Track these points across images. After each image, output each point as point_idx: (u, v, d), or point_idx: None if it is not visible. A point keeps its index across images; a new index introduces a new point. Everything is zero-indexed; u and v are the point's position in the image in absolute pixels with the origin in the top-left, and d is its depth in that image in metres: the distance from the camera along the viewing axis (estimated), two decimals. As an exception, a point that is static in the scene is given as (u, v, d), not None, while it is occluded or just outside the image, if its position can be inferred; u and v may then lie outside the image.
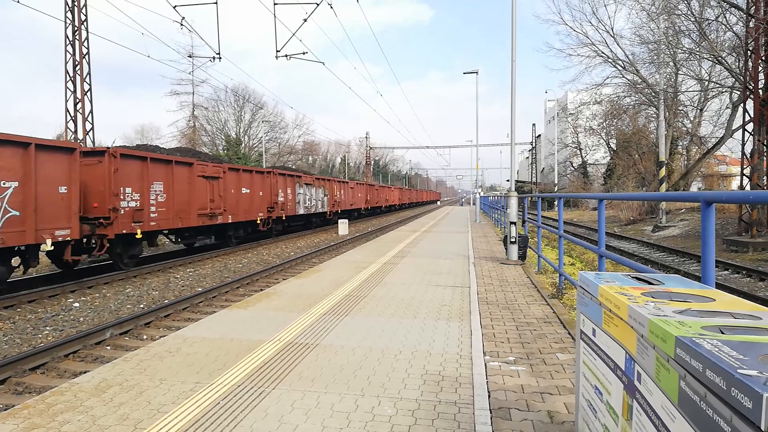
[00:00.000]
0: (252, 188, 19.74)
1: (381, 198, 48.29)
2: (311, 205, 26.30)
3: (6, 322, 8.53)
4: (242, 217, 18.77)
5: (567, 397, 3.66)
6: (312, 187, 26.64)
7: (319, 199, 27.62)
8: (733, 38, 22.95)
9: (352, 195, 35.92)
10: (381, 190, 49.86)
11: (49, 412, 3.40)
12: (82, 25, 22.26)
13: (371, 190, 44.16)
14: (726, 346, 1.36)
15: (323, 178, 30.19)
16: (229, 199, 17.80)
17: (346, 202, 33.96)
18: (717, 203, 2.95)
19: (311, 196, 26.33)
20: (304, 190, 25.23)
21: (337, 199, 31.39)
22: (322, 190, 28.41)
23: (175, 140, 57.89)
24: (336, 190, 31.38)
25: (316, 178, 28.34)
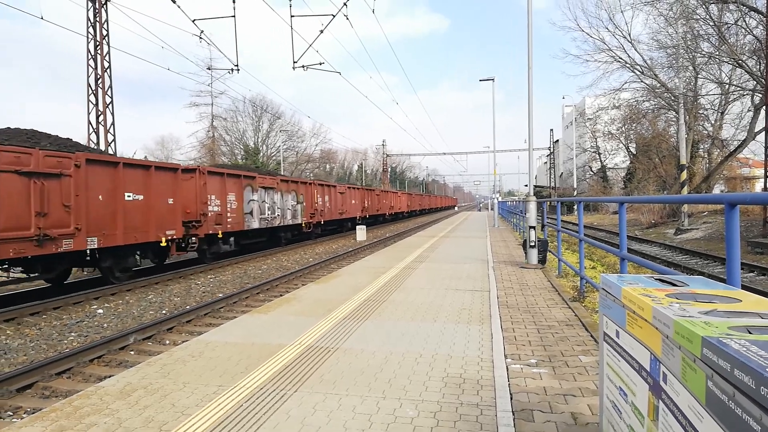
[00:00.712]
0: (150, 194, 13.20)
1: (384, 205, 42.56)
2: (275, 215, 20.56)
3: (32, 328, 8.70)
4: (120, 240, 12.07)
5: (590, 398, 3.63)
6: (274, 191, 20.79)
7: (288, 208, 21.94)
8: (753, 41, 22.65)
9: (342, 202, 29.89)
10: (384, 196, 43.41)
11: (76, 415, 3.46)
12: (104, 40, 22.68)
13: (370, 195, 37.76)
14: (754, 345, 1.36)
15: (296, 180, 24.28)
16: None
17: (333, 211, 28.38)
18: (741, 205, 2.92)
19: (275, 204, 20.69)
20: (261, 195, 19.51)
21: (319, 207, 25.67)
22: (293, 196, 22.73)
23: (195, 150, 58.58)
24: (316, 195, 25.50)
25: (282, 180, 21.98)
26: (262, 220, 19.55)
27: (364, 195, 35.92)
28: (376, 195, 39.93)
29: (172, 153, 66.94)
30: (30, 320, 9.12)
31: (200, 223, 15.19)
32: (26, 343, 7.87)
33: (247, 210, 18.24)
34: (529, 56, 11.53)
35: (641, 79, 31.08)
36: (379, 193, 42.03)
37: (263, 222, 19.63)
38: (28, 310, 9.46)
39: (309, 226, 24.58)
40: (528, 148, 12.40)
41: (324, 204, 26.61)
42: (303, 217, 23.42)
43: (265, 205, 19.86)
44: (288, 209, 22.02)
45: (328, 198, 27.67)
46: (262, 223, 19.42)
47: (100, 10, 22.41)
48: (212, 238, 16.33)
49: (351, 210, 31.95)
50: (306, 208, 23.85)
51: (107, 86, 22.97)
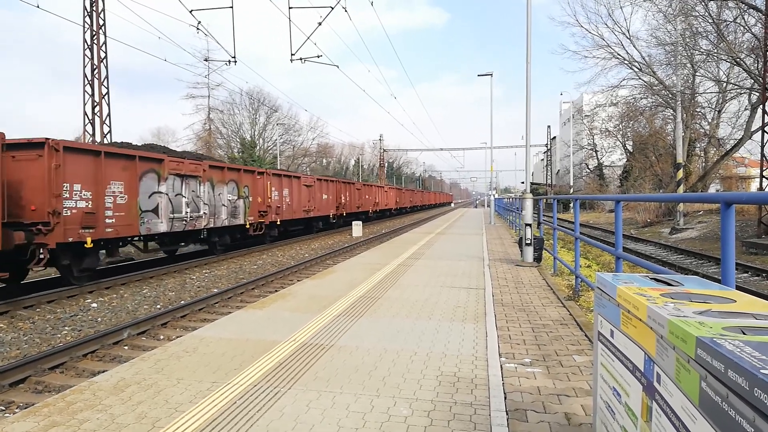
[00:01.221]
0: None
1: (366, 201, 37.03)
2: (198, 214, 15.21)
3: (26, 322, 8.66)
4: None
5: (584, 399, 3.64)
6: (198, 181, 15.28)
7: (222, 204, 16.70)
8: (751, 39, 22.68)
9: (309, 197, 24.73)
10: (366, 191, 37.95)
11: (69, 411, 3.44)
12: (100, 30, 22.57)
13: (348, 189, 32.13)
14: (748, 346, 1.35)
15: (235, 167, 18.70)
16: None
17: (296, 208, 23.16)
18: (737, 204, 2.92)
19: (198, 199, 15.28)
20: (174, 186, 14.13)
21: (274, 204, 20.66)
22: (232, 189, 17.40)
23: (191, 143, 58.41)
24: (270, 188, 20.26)
25: (213, 166, 16.54)
26: (176, 221, 14.18)
27: (340, 189, 30.22)
28: (356, 189, 34.26)
29: (168, 145, 66.62)
30: (23, 314, 9.09)
31: (50, 227, 9.90)
32: (19, 336, 7.84)
33: (146, 206, 12.95)
34: (527, 53, 11.51)
35: (639, 76, 31.11)
36: (361, 187, 36.07)
37: (178, 223, 14.25)
38: (21, 304, 9.42)
39: (259, 227, 19.60)
40: (525, 145, 12.39)
41: (282, 199, 21.53)
42: (247, 216, 18.27)
43: (182, 200, 14.39)
44: (222, 205, 16.69)
45: (289, 192, 22.37)
46: (175, 225, 14.12)
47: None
48: (78, 249, 10.88)
49: (321, 207, 26.62)
50: (253, 204, 18.81)
51: (103, 77, 22.89)
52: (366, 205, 36.80)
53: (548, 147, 73.83)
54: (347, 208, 31.49)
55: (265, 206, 19.74)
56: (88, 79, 22.67)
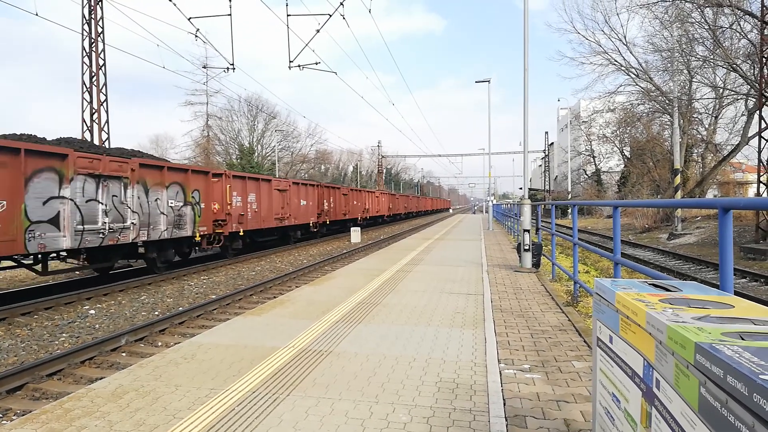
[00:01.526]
0: None
1: (354, 207, 34.00)
2: (123, 225, 12.35)
3: (23, 328, 8.64)
4: None
5: (583, 405, 3.63)
6: (122, 183, 12.45)
7: (161, 212, 13.66)
8: (747, 45, 22.79)
9: (283, 203, 21.82)
10: (355, 196, 34.72)
11: (67, 417, 3.43)
12: (99, 37, 22.60)
13: (333, 195, 29.12)
14: (747, 351, 1.35)
15: (181, 167, 15.32)
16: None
17: (266, 215, 20.07)
18: (734, 210, 2.93)
19: (123, 206, 12.40)
20: (84, 189, 11.29)
21: (236, 211, 17.44)
22: (176, 193, 14.33)
23: (189, 150, 58.43)
24: (229, 193, 17.18)
25: (145, 165, 13.42)
26: (88, 234, 11.24)
27: (323, 194, 27.21)
28: (342, 195, 31.41)
29: (167, 152, 66.70)
30: (21, 320, 9.06)
31: None
32: (17, 343, 7.81)
33: (39, 216, 10.04)
34: (525, 59, 11.55)
35: (636, 83, 31.23)
36: (348, 192, 33.02)
37: (91, 237, 11.31)
38: (19, 310, 9.39)
39: (216, 239, 16.60)
40: (523, 151, 12.42)
41: (247, 206, 18.60)
42: (198, 227, 15.14)
43: (97, 208, 11.57)
44: (161, 214, 13.60)
45: (256, 197, 19.34)
46: (86, 239, 11.15)
47: (96, 7, 22.34)
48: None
49: (299, 214, 23.63)
50: (206, 212, 15.72)
51: (102, 84, 22.90)
52: (354, 211, 33.93)
53: (546, 153, 73.95)
54: (332, 215, 28.69)
55: (223, 214, 16.74)
56: (86, 86, 22.69)
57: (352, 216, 33.21)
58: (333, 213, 28.94)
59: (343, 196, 31.74)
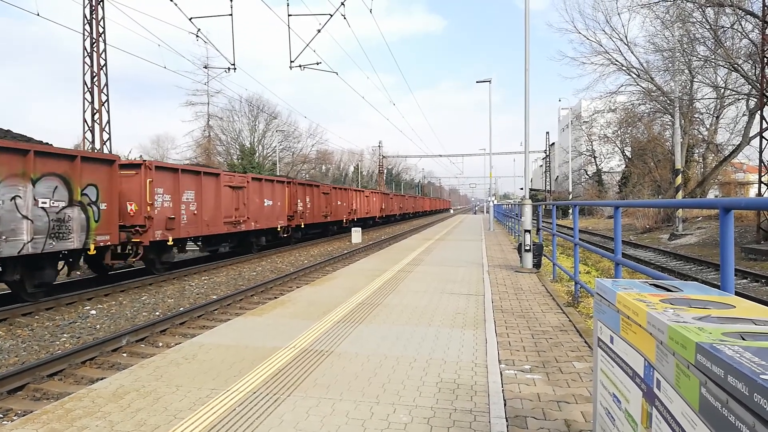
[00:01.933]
0: None
1: (338, 209, 29.86)
2: None
3: (24, 329, 8.64)
4: None
5: (584, 405, 3.63)
6: None
7: (23, 215, 9.54)
8: (748, 45, 22.75)
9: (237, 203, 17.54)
10: (339, 195, 30.81)
11: (68, 418, 3.43)
12: (100, 38, 22.62)
13: (309, 193, 24.71)
14: (747, 351, 1.35)
15: (56, 152, 10.53)
16: None
17: (213, 219, 16.21)
18: (735, 210, 2.92)
19: None
20: None
21: (161, 213, 13.69)
22: (47, 189, 10.19)
23: (191, 150, 58.47)
24: (148, 190, 13.31)
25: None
26: None
27: (296, 193, 22.62)
28: (322, 193, 27.01)
29: (168, 152, 66.77)
30: (22, 321, 9.07)
31: None
32: (18, 344, 7.82)
33: None
34: (526, 60, 11.55)
35: (637, 83, 31.19)
36: (329, 191, 28.78)
37: None
38: (20, 311, 9.40)
39: (132, 251, 13.21)
40: (524, 151, 12.41)
41: (180, 207, 14.47)
42: (93, 235, 11.30)
43: None
44: (22, 219, 9.53)
45: (195, 196, 15.28)
46: None
47: (97, 7, 22.35)
48: None
49: (262, 216, 19.24)
50: (107, 214, 11.74)
51: (103, 84, 22.91)
52: (338, 212, 30.08)
53: (547, 153, 73.95)
54: (308, 218, 24.55)
55: (141, 218, 13.01)
56: (87, 86, 22.71)
57: (335, 218, 29.28)
58: (310, 215, 24.80)
59: (324, 195, 27.46)
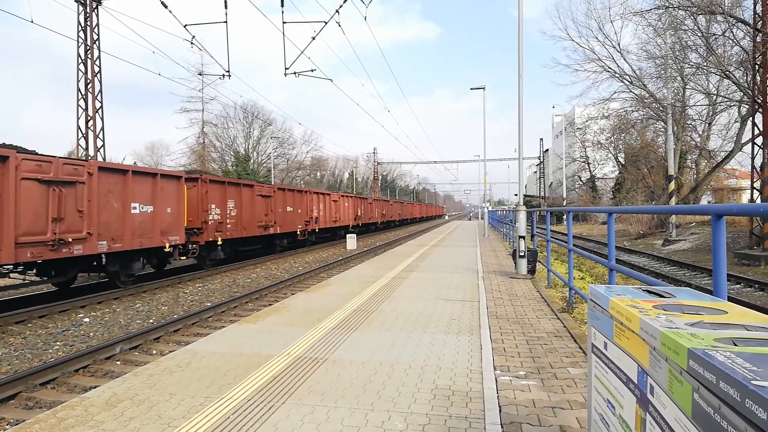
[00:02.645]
0: None
1: (291, 217, 23.14)
2: None
3: (17, 337, 8.58)
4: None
5: (579, 411, 3.63)
6: None
7: None
8: (740, 53, 22.93)
9: (111, 213, 11.73)
10: (292, 199, 23.34)
11: (60, 427, 3.41)
12: (95, 44, 22.60)
13: (238, 195, 18.07)
14: (739, 357, 1.36)
15: None
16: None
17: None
18: (728, 216, 2.94)
19: None
20: None
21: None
22: None
23: (185, 157, 58.37)
24: None
25: None
26: None
27: (208, 196, 16.05)
28: (260, 197, 19.82)
29: (162, 159, 66.65)
30: (14, 329, 9.00)
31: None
32: (10, 352, 7.76)
33: None
34: (519, 67, 11.61)
35: (630, 89, 31.38)
36: (273, 193, 21.21)
37: None
38: (12, 319, 9.33)
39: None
40: (518, 158, 12.46)
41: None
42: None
43: None
44: None
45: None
46: None
47: (91, 14, 22.35)
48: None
49: (137, 230, 12.64)
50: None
51: (97, 91, 22.87)
52: (288, 222, 22.69)
53: (541, 160, 74.21)
54: (238, 229, 17.80)
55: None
56: (81, 93, 22.66)
57: (285, 229, 22.30)
58: (237, 224, 17.83)
59: (263, 198, 20.12)
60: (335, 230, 31.41)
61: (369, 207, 40.33)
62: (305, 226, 25.07)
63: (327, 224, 28.78)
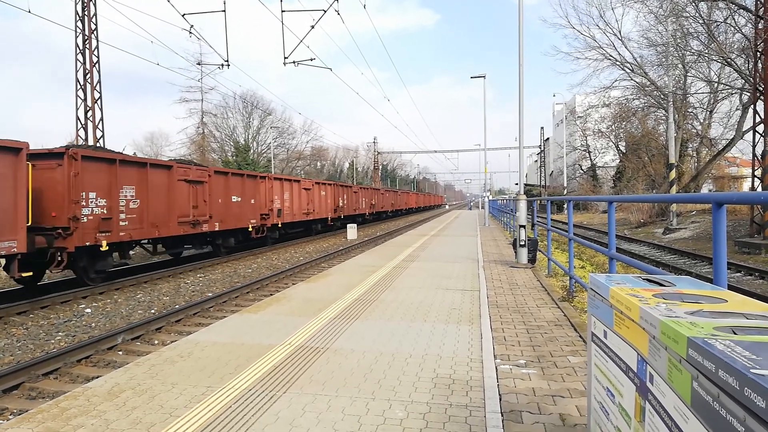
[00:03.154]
0: None
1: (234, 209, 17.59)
2: None
3: (19, 328, 8.61)
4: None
5: (579, 399, 3.65)
6: None
7: None
8: (742, 40, 22.82)
9: None
10: (244, 186, 18.41)
11: (63, 417, 3.43)
12: (93, 34, 22.48)
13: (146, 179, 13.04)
14: (738, 346, 1.36)
15: None
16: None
17: None
18: (728, 204, 2.94)
19: None
20: None
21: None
22: None
23: (185, 147, 58.24)
24: None
25: None
26: None
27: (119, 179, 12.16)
28: (188, 183, 15.05)
29: (162, 149, 66.50)
30: (17, 320, 9.04)
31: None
32: (13, 343, 7.79)
33: None
34: (520, 55, 11.55)
35: (631, 77, 31.26)
36: (207, 178, 16.07)
37: None
38: (15, 309, 9.36)
39: None
40: (519, 146, 12.43)
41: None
42: None
43: None
44: None
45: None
46: None
47: (89, 3, 22.21)
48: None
49: None
50: None
51: (96, 81, 22.78)
52: (233, 217, 17.51)
53: (541, 148, 74.05)
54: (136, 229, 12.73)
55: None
56: (80, 83, 22.58)
57: (228, 225, 17.03)
58: (144, 221, 13.06)
59: (189, 185, 15.02)
60: (309, 224, 26.51)
61: (353, 197, 34.86)
62: (263, 221, 19.83)
63: (296, 217, 23.63)
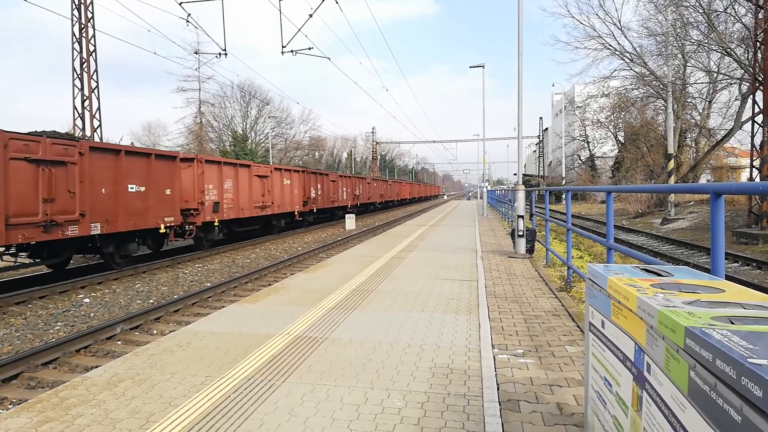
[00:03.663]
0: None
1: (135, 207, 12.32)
2: None
3: (18, 317, 8.62)
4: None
5: (576, 389, 3.67)
6: None
7: None
8: (741, 29, 22.73)
9: None
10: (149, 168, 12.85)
11: (62, 406, 3.44)
12: (89, 23, 22.33)
13: None
14: (736, 336, 1.36)
15: None
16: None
17: None
18: (726, 195, 2.94)
19: None
20: None
21: None
22: None
23: (182, 137, 58.03)
24: None
25: None
26: None
27: None
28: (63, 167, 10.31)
29: (159, 139, 66.27)
30: (15, 309, 9.04)
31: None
32: (11, 332, 7.80)
33: None
34: (519, 44, 11.50)
35: (630, 67, 31.16)
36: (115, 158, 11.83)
37: None
38: (13, 299, 9.37)
39: None
40: (517, 137, 12.41)
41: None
42: None
43: None
44: None
45: None
46: None
47: (85, -6, 22.04)
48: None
49: None
50: None
51: (92, 70, 22.66)
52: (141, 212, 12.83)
53: (540, 138, 73.94)
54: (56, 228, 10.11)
55: None
56: (77, 73, 22.45)
57: (116, 228, 11.95)
58: None
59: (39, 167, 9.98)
60: (266, 219, 21.60)
61: (330, 186, 29.64)
62: (188, 218, 15.29)
63: (245, 212, 18.84)
